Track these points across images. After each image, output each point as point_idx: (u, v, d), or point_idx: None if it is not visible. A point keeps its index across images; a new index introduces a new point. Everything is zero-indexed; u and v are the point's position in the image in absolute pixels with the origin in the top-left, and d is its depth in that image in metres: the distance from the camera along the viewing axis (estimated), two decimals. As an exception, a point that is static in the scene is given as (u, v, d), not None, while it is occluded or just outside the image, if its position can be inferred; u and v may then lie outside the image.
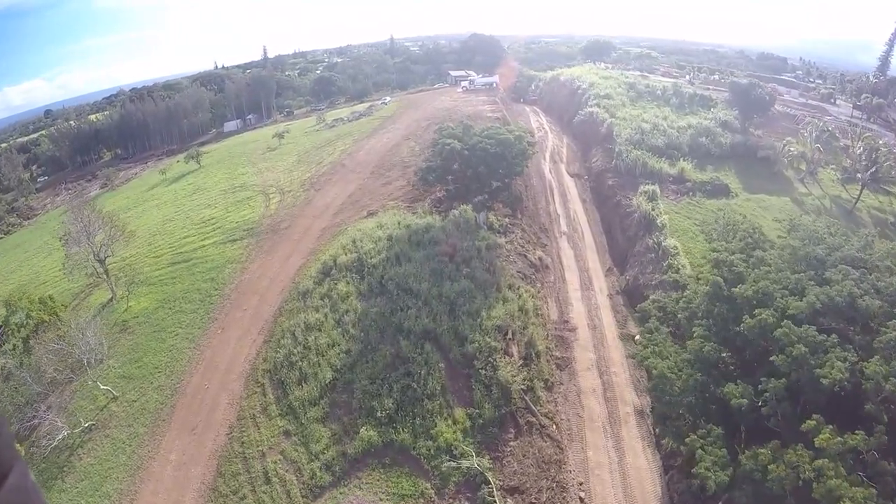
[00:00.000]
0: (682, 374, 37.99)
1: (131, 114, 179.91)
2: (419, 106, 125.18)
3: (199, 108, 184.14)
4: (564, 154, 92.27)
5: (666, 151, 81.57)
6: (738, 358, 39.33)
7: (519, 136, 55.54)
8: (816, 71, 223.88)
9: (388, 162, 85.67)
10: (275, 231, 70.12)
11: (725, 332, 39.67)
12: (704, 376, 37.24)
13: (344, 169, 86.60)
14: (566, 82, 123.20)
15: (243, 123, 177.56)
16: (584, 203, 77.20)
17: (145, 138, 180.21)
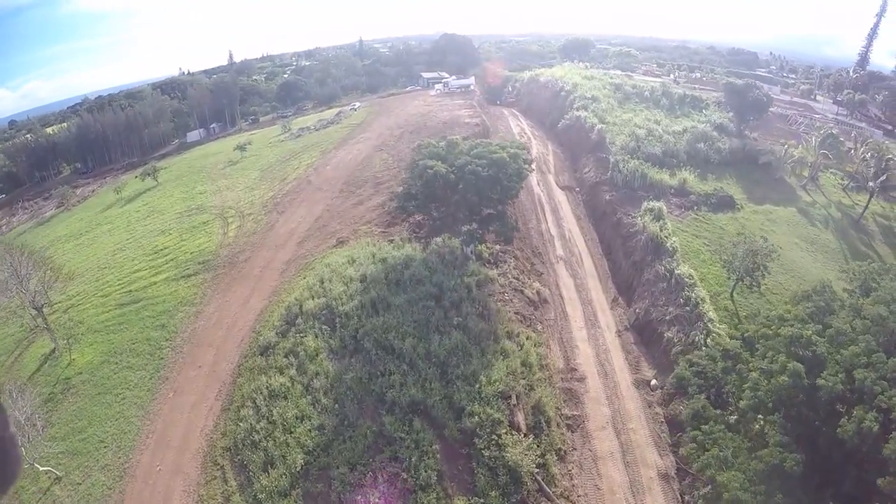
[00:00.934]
0: (759, 497, 28.58)
1: (89, 125, 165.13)
2: (391, 111, 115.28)
3: (161, 118, 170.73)
4: (552, 163, 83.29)
5: (663, 160, 73.29)
6: (826, 465, 30.18)
7: (514, 153, 46.02)
8: (787, 65, 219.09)
9: (358, 177, 75.91)
10: (232, 264, 59.83)
11: (807, 431, 30.59)
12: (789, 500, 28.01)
13: (310, 186, 76.63)
14: (547, 83, 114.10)
15: (207, 133, 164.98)
16: (578, 220, 68.31)
17: (105, 151, 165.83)
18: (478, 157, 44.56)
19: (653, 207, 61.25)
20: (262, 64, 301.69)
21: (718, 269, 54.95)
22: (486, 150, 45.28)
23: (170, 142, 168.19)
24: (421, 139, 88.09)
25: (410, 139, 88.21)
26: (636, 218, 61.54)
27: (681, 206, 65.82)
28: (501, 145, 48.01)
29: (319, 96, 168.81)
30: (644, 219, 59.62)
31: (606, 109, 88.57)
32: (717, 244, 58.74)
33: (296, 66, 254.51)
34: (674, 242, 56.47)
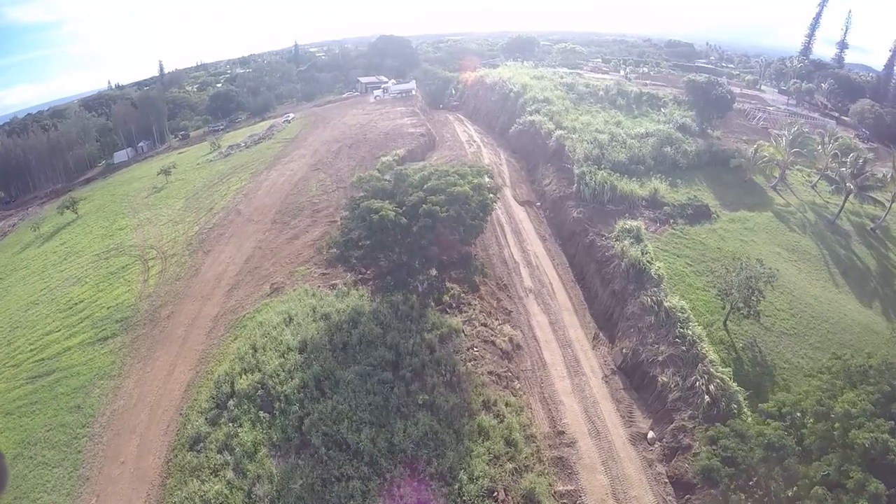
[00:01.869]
0: None
1: (10, 150, 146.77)
2: (327, 122, 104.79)
3: (86, 138, 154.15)
4: (507, 174, 74.62)
5: (629, 167, 65.72)
6: None
7: (477, 184, 36.83)
8: (724, 56, 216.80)
9: (293, 204, 65.84)
10: (154, 322, 49.94)
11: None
12: None
13: (239, 218, 66.20)
14: (494, 85, 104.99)
15: (135, 152, 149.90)
16: (544, 242, 59.77)
17: (28, 177, 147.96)
18: (433, 191, 35.36)
19: (630, 228, 53.28)
20: (196, 73, 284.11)
21: (706, 294, 48.47)
22: (442, 181, 36.00)
23: (96, 164, 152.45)
24: (361, 154, 79.16)
25: (350, 155, 78.78)
26: (611, 240, 53.57)
27: (655, 219, 58.46)
28: (460, 172, 38.77)
29: (253, 107, 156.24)
30: (622, 243, 51.54)
31: (561, 112, 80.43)
32: (700, 262, 52.60)
33: (230, 75, 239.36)
34: (658, 269, 48.66)
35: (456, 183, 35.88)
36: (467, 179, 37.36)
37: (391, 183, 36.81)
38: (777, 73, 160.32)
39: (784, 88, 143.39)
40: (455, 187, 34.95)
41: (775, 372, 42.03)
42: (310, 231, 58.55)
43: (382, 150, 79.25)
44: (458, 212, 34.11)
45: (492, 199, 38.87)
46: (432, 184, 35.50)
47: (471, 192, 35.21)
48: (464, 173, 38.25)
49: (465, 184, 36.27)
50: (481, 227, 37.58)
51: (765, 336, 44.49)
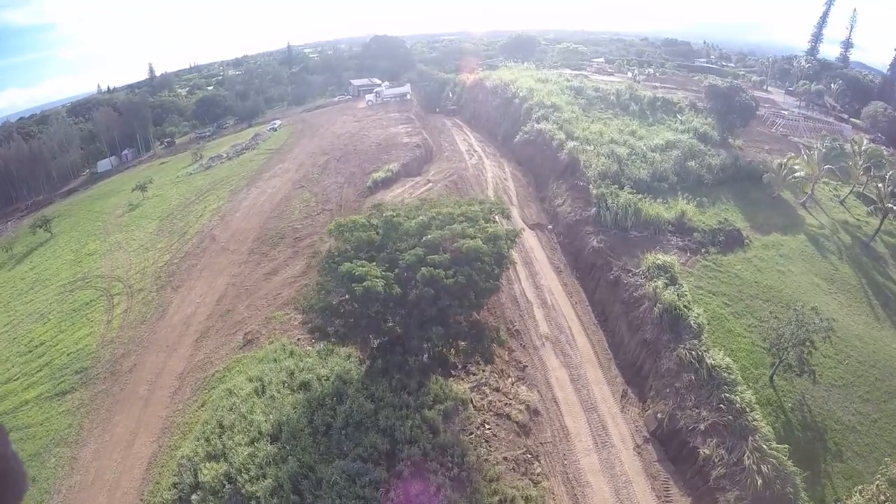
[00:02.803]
0: None
1: None
2: (315, 130, 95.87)
3: (69, 146, 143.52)
4: (513, 191, 65.99)
5: (651, 185, 57.60)
6: None
7: (494, 235, 28.12)
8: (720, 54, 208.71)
9: (273, 230, 57.31)
10: (115, 376, 42.59)
11: None
12: None
13: (214, 245, 57.66)
14: (495, 89, 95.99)
15: (119, 161, 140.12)
16: (559, 274, 51.30)
17: (9, 188, 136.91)
18: (435, 246, 26.66)
19: (662, 264, 44.88)
20: (189, 75, 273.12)
21: (748, 341, 40.98)
22: (446, 231, 27.26)
23: (80, 173, 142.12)
24: (351, 169, 70.23)
25: (338, 170, 70.22)
26: (640, 277, 45.22)
27: (685, 248, 50.28)
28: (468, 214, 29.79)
29: (241, 111, 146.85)
30: (654, 283, 43.11)
31: (571, 120, 71.90)
32: (738, 301, 44.81)
33: (222, 77, 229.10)
34: (698, 317, 40.37)
35: (465, 233, 27.20)
36: (478, 225, 28.67)
37: (380, 232, 28.00)
38: (781, 72, 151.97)
39: (791, 89, 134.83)
40: (464, 241, 26.26)
41: (827, 435, 35.59)
42: (290, 265, 50.17)
43: (374, 163, 70.72)
44: (469, 275, 25.47)
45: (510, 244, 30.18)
46: (433, 236, 26.77)
47: (484, 250, 26.49)
48: (473, 215, 29.55)
49: (475, 232, 27.60)
50: (497, 288, 28.89)
51: (813, 391, 37.88)
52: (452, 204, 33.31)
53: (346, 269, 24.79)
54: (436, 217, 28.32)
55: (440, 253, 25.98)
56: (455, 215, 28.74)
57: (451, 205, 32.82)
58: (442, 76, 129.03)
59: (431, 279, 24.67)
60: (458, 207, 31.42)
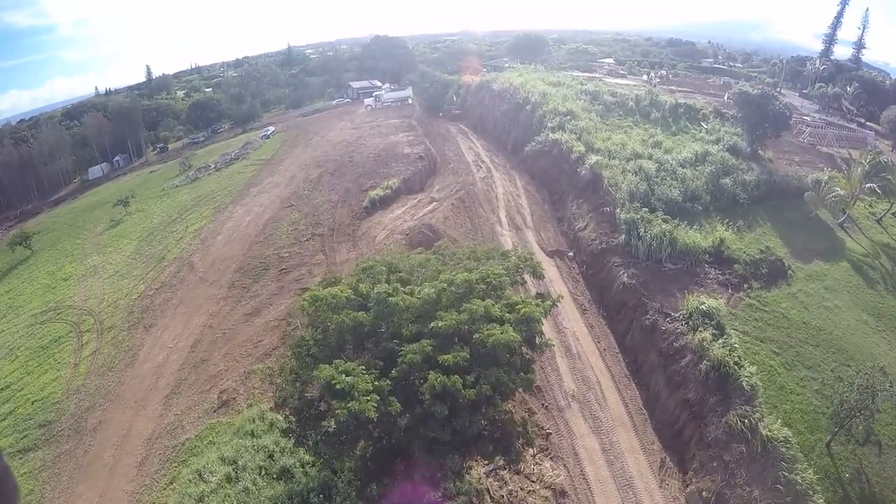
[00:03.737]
0: None
1: None
2: (310, 138, 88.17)
3: (60, 152, 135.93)
4: (526, 209, 58.03)
5: (683, 206, 49.93)
6: None
7: (526, 315, 19.78)
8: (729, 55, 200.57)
9: (257, 258, 49.90)
10: (79, 434, 36.81)
11: None
12: None
13: (192, 275, 50.25)
14: (503, 92, 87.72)
15: (111, 167, 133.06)
16: (583, 314, 43.48)
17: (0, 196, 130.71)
18: (448, 338, 18.72)
19: (707, 310, 37.30)
20: (189, 77, 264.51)
21: (801, 398, 34.59)
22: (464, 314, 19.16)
23: (71, 180, 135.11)
24: (345, 185, 62.20)
25: (331, 185, 62.58)
26: (681, 323, 37.57)
27: (725, 283, 42.88)
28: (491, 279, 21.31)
29: (236, 115, 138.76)
30: (701, 335, 35.49)
31: (589, 129, 64.12)
32: (788, 348, 38.00)
33: (222, 78, 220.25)
34: (751, 377, 33.07)
35: (488, 312, 19.23)
36: (503, 298, 20.70)
37: (370, 314, 19.87)
38: (791, 73, 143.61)
39: (805, 92, 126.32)
40: (489, 331, 18.32)
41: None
42: (274, 303, 42.69)
43: (372, 178, 63.02)
44: (498, 378, 17.60)
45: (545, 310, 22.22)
46: (445, 323, 18.68)
47: (517, 339, 18.56)
48: (497, 281, 21.54)
49: (501, 310, 19.72)
50: (530, 382, 21.03)
51: (870, 456, 32.10)
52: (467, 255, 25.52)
53: (326, 377, 17.10)
54: (447, 289, 20.34)
55: (455, 347, 18.11)
56: (473, 282, 20.77)
57: (467, 257, 25.04)
58: (445, 78, 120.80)
59: (444, 391, 16.89)
60: (475, 262, 23.70)
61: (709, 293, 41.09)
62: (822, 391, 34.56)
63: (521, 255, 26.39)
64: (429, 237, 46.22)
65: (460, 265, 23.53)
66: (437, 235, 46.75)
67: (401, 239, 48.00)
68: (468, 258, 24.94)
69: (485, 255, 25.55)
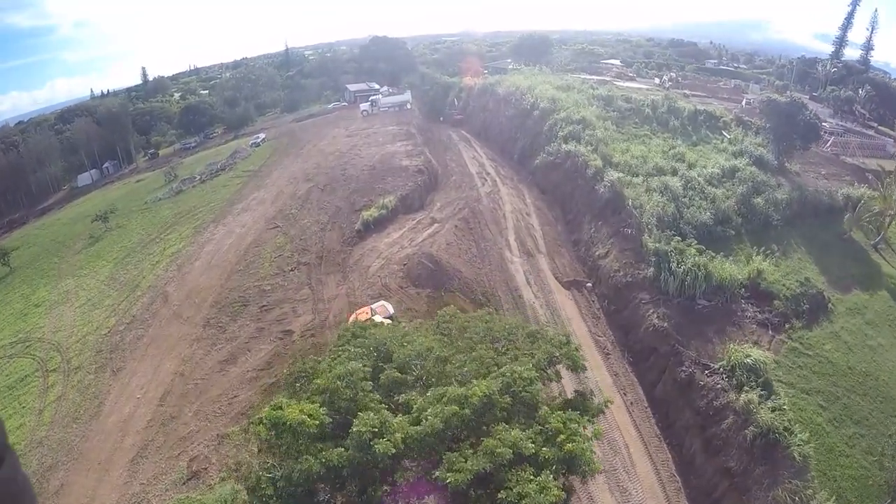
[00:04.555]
0: None
1: None
2: (301, 147, 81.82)
3: (49, 159, 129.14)
4: (538, 230, 51.64)
5: (714, 230, 43.93)
6: None
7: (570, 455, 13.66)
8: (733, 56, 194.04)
9: (236, 290, 43.91)
10: (41, 497, 30.81)
11: None
12: None
13: (165, 308, 44.28)
14: (508, 97, 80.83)
15: (101, 174, 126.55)
16: (606, 359, 37.41)
17: None
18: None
19: (753, 364, 31.64)
20: (188, 79, 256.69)
21: (850, 460, 30.02)
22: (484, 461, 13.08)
23: (60, 187, 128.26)
24: (336, 203, 55.51)
25: (321, 203, 56.69)
26: (721, 377, 31.89)
27: (764, 323, 37.30)
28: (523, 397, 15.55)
29: (230, 120, 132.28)
30: (747, 395, 29.90)
31: (606, 139, 58.13)
32: (834, 399, 33.24)
33: (217, 81, 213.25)
34: (802, 446, 28.09)
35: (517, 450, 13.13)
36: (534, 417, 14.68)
37: (349, 453, 13.65)
38: (799, 75, 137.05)
39: (815, 94, 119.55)
40: (523, 492, 12.28)
41: None
42: (252, 349, 36.81)
43: (366, 195, 56.89)
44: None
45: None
46: (457, 478, 12.52)
47: (561, 496, 12.64)
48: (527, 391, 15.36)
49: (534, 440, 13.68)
50: None
51: None
52: (482, 334, 19.47)
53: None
54: (459, 412, 14.24)
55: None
56: (494, 395, 14.68)
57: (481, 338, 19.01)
58: (446, 80, 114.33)
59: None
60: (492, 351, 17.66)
61: (749, 336, 35.60)
62: (872, 449, 30.74)
63: (554, 340, 20.31)
64: (429, 269, 40.22)
65: (473, 354, 17.53)
66: (439, 267, 40.76)
67: (397, 270, 41.90)
68: (482, 339, 18.96)
69: (505, 334, 19.65)
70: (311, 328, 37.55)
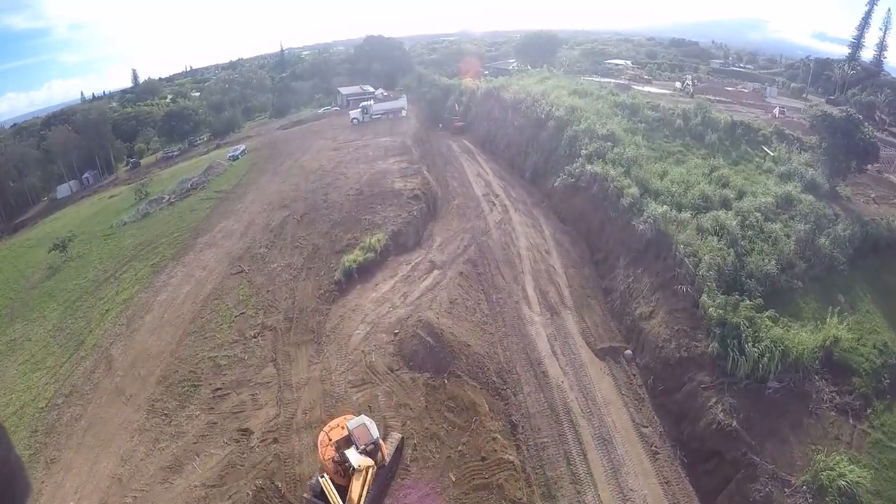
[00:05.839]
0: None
1: None
2: (281, 161, 72.02)
3: (26, 168, 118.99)
4: (561, 275, 41.52)
5: (778, 279, 34.32)
6: None
7: None
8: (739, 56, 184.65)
9: (186, 362, 34.86)
10: None
11: None
12: None
13: (108, 378, 35.33)
14: (517, 103, 70.58)
15: (80, 185, 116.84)
16: (655, 461, 27.56)
17: None
18: None
19: (847, 485, 23.17)
20: (182, 80, 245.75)
21: None
22: None
23: (40, 198, 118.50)
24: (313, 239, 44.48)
25: (295, 238, 47.63)
26: (805, 496, 23.03)
27: (843, 408, 28.20)
28: None
29: (216, 125, 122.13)
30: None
31: (637, 159, 48.36)
32: None
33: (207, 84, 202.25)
34: None
35: None
36: None
37: None
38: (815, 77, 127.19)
39: (832, 98, 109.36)
40: None
41: None
42: (202, 452, 28.14)
43: (350, 229, 47.45)
44: None
45: None
46: None
47: None
48: None
49: None
50: None
51: None
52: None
53: None
54: None
55: None
56: None
57: None
58: (445, 82, 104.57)
59: None
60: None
61: (828, 429, 27.06)
62: None
63: None
64: (428, 346, 30.69)
65: None
66: (441, 342, 31.21)
67: (387, 343, 32.47)
68: None
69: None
70: (275, 428, 28.26)
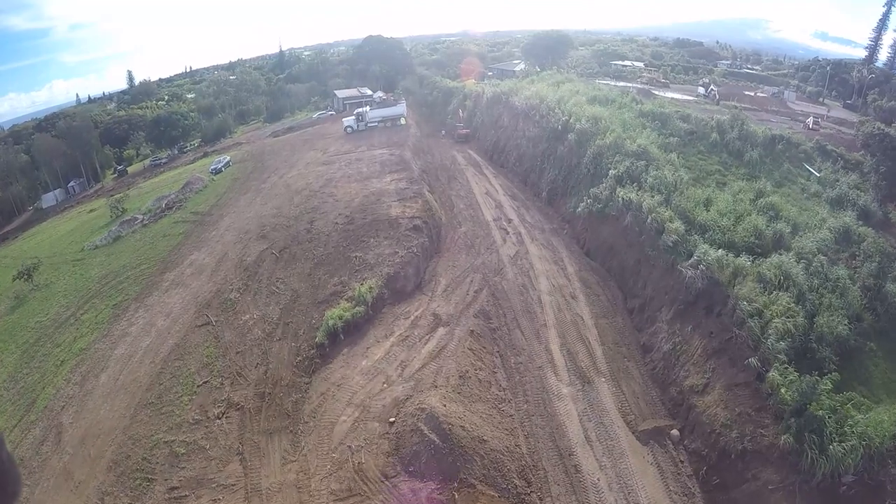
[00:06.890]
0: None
1: None
2: (266, 176, 64.98)
3: (10, 177, 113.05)
4: (589, 325, 34.63)
5: (848, 342, 27.40)
6: None
7: None
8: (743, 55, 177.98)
9: (140, 445, 28.22)
10: None
11: None
12: None
13: (56, 456, 28.74)
14: (528, 111, 62.42)
15: (66, 193, 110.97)
16: None
17: None
18: None
19: None
20: (181, 81, 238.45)
21: None
22: None
23: (26, 208, 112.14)
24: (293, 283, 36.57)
25: (273, 280, 40.95)
26: None
27: None
28: None
29: (206, 131, 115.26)
30: None
31: (677, 183, 40.98)
32: None
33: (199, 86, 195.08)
34: None
35: None
36: None
37: None
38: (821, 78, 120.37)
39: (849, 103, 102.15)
40: None
41: None
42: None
43: (336, 271, 40.40)
44: None
45: None
46: None
47: None
48: None
49: None
50: None
51: None
52: None
53: None
54: None
55: None
56: None
57: None
58: (448, 84, 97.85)
59: None
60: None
61: None
62: None
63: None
64: (433, 446, 23.68)
65: None
66: (449, 441, 24.22)
67: (380, 437, 25.42)
68: None
69: None
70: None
